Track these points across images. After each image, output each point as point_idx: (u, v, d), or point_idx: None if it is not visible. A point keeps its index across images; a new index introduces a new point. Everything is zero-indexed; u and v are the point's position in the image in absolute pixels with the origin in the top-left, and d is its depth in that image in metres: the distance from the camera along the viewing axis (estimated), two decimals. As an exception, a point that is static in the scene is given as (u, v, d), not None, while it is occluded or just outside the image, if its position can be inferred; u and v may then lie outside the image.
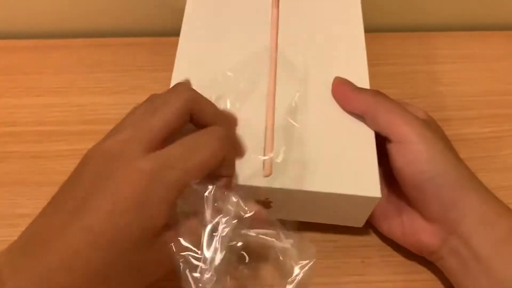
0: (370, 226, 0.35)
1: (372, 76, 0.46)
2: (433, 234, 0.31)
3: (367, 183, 0.30)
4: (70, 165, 0.39)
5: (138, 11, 0.49)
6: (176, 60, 0.37)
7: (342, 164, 0.31)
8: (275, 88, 0.34)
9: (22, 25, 0.49)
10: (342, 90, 0.34)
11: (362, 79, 0.35)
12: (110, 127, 0.42)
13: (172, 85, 0.33)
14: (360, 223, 0.33)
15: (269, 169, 0.30)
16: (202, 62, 0.36)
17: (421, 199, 0.31)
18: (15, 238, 0.25)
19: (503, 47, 0.48)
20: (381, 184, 0.30)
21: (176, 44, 0.38)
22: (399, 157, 0.31)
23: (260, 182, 0.30)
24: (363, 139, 0.32)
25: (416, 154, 0.30)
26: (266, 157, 0.31)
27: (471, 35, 0.49)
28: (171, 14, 0.46)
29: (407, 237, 0.33)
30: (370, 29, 0.50)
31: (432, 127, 0.32)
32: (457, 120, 0.42)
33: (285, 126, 0.32)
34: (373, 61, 0.47)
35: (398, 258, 0.34)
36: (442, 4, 0.49)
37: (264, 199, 0.31)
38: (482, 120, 0.42)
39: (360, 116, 0.33)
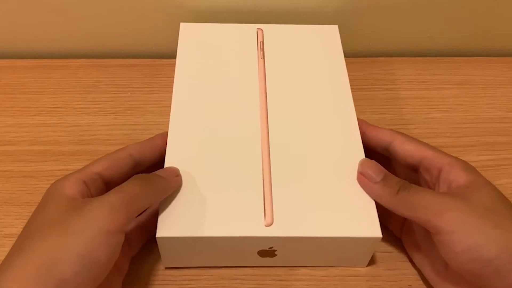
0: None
1: (369, 100, 0.45)
2: None
3: (367, 224, 0.31)
4: (62, 186, 0.40)
5: (136, 33, 0.49)
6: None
7: (342, 207, 0.31)
8: (268, 135, 0.35)
9: (23, 45, 0.50)
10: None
11: (350, 122, 0.36)
12: (104, 147, 0.43)
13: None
14: (364, 263, 0.34)
15: (270, 218, 0.31)
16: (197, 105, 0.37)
17: (479, 281, 0.28)
18: (1, 258, 0.25)
19: (502, 73, 0.47)
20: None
21: (172, 65, 0.39)
22: (443, 248, 0.28)
23: (262, 232, 0.30)
24: None
25: (460, 244, 0.27)
26: (266, 207, 0.31)
27: (470, 60, 0.49)
28: (168, 37, 0.47)
29: None
30: (367, 54, 0.50)
31: (474, 186, 0.28)
32: (453, 148, 0.41)
33: (282, 173, 0.33)
34: (370, 86, 0.47)
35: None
36: (441, 29, 0.49)
37: (267, 248, 0.32)
38: (479, 148, 0.41)
39: (354, 159, 0.33)
